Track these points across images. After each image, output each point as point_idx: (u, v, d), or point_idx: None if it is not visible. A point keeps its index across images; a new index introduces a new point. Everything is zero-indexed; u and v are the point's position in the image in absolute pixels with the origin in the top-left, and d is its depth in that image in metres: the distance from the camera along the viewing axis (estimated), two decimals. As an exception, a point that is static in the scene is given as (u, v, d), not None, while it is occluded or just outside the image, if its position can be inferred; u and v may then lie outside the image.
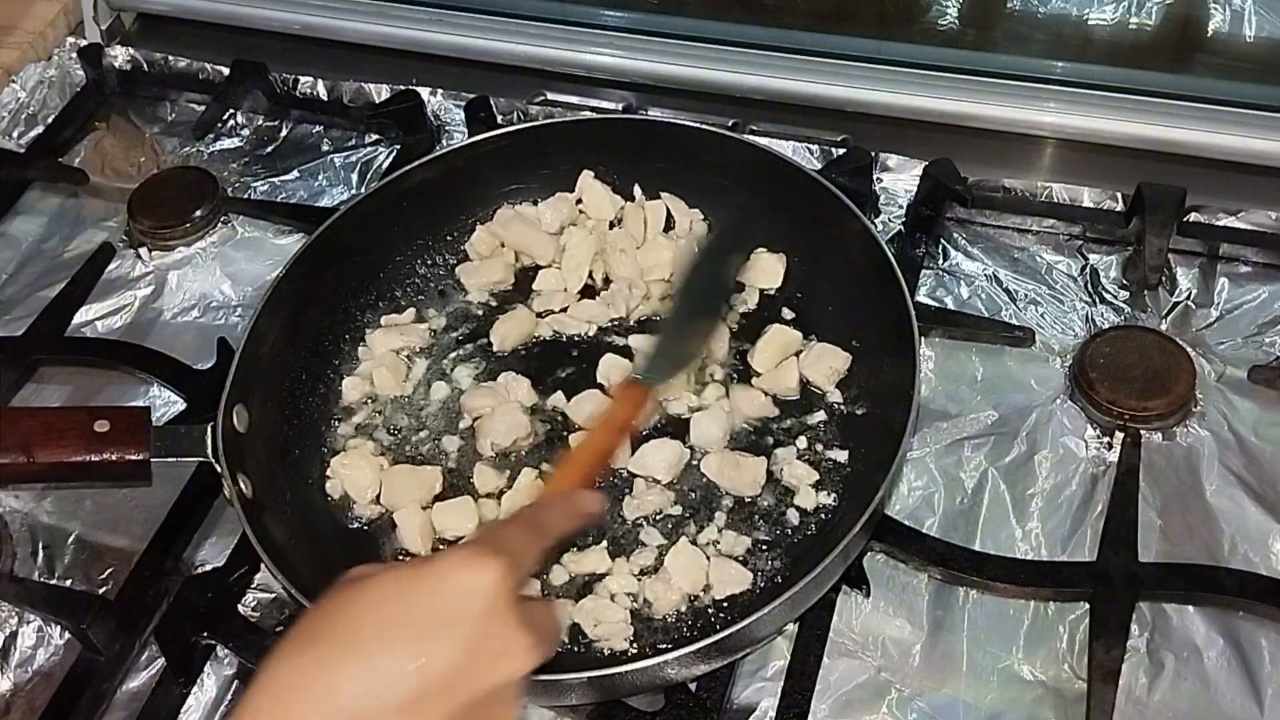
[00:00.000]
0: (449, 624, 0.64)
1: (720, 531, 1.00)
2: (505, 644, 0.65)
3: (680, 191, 1.21)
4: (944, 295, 1.17)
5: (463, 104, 1.35)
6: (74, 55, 1.48)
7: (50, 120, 1.44)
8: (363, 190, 1.30)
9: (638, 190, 1.21)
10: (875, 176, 1.24)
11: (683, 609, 0.96)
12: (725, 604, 0.96)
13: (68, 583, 1.04)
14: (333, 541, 1.03)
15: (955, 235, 1.21)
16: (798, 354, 1.10)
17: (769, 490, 1.02)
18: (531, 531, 0.73)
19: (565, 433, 1.07)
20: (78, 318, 1.24)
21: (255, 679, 0.62)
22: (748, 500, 1.02)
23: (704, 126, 1.19)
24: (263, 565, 0.95)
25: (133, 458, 0.95)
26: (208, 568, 1.03)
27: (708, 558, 0.97)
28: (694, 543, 0.98)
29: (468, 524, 1.01)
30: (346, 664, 0.62)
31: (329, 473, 1.06)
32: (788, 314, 1.14)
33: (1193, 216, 1.17)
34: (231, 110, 1.43)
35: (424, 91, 1.37)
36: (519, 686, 0.67)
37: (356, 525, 1.04)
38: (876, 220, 1.22)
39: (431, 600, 0.64)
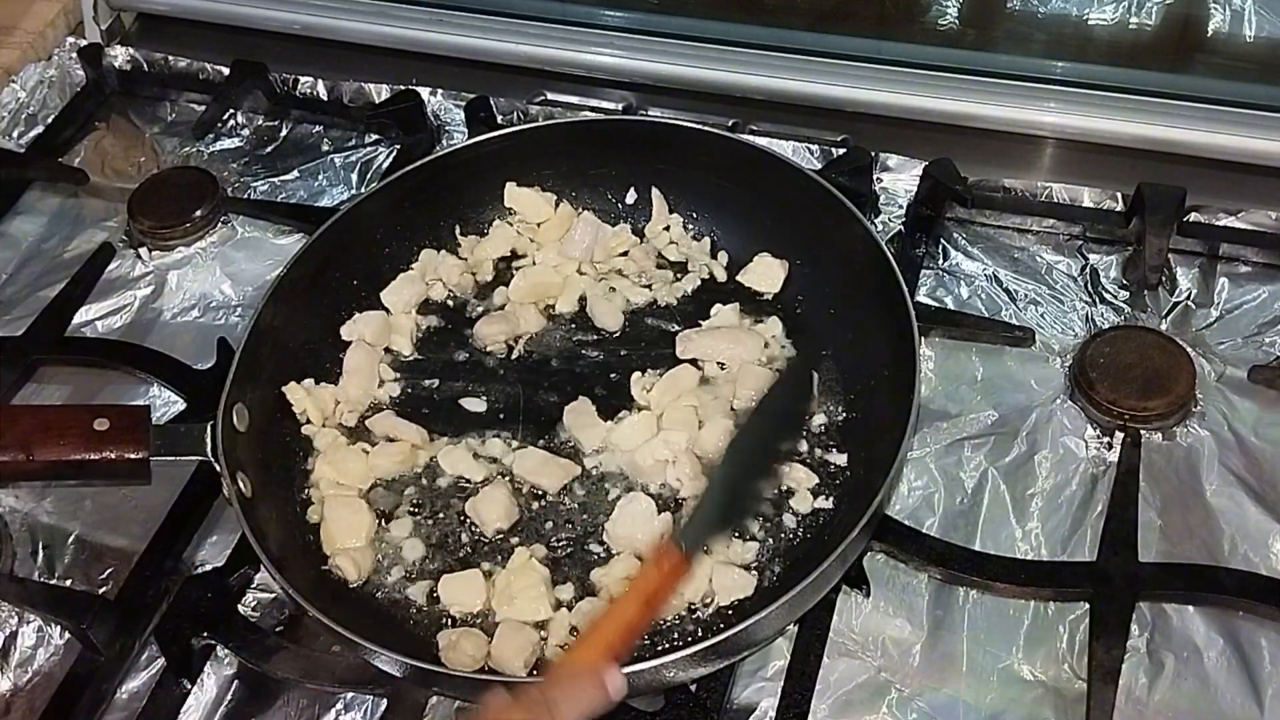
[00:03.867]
0: None
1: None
2: None
3: (680, 192, 1.21)
4: (944, 295, 1.17)
5: (463, 104, 1.35)
6: (74, 55, 1.48)
7: (50, 120, 1.44)
8: (363, 190, 1.30)
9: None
10: (875, 176, 1.24)
11: (684, 612, 0.96)
12: (727, 607, 0.96)
13: (68, 583, 1.04)
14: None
15: (955, 235, 1.21)
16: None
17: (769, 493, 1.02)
18: (542, 717, 0.72)
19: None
20: (78, 318, 1.24)
21: None
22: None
23: (704, 127, 1.19)
24: (262, 565, 0.95)
25: (132, 456, 0.95)
26: (208, 568, 1.03)
27: (711, 564, 0.96)
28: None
29: (476, 600, 0.96)
30: None
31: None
32: (787, 315, 1.14)
33: (1193, 216, 1.17)
34: (231, 110, 1.43)
35: (424, 91, 1.37)
36: None
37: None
38: (876, 220, 1.22)
39: None
